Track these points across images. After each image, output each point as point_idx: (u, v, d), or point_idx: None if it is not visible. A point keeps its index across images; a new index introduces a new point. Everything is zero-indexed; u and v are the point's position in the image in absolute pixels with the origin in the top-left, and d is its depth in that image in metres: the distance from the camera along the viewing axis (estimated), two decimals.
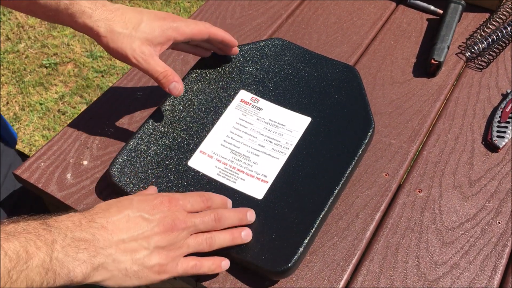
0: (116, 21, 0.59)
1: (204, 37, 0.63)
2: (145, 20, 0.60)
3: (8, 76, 1.75)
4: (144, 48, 0.59)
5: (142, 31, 0.59)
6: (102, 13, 0.59)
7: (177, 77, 0.61)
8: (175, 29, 0.61)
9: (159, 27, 0.60)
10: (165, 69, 0.60)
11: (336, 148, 0.63)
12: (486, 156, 0.67)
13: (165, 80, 0.60)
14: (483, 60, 0.78)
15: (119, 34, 0.59)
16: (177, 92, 0.61)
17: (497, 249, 0.59)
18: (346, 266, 0.57)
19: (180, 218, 0.52)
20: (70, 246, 0.46)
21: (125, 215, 0.50)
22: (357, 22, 0.84)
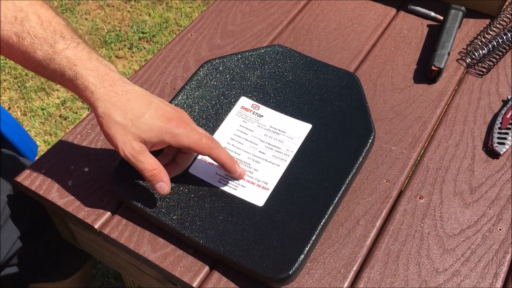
0: (117, 107, 0.55)
1: (203, 154, 0.59)
2: (147, 116, 0.56)
3: (10, 82, 1.76)
4: (135, 144, 0.56)
5: (138, 127, 0.55)
6: (105, 93, 0.55)
7: (165, 177, 0.57)
8: (174, 136, 0.57)
9: (158, 129, 0.56)
10: (154, 167, 0.57)
11: (336, 155, 0.63)
12: (487, 163, 0.67)
13: (152, 178, 0.57)
14: (483, 66, 0.79)
15: (115, 122, 0.55)
16: (163, 192, 0.58)
17: (498, 256, 0.59)
18: (347, 274, 0.57)
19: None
20: None
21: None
22: (357, 29, 0.84)
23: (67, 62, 0.55)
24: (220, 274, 0.57)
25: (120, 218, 0.62)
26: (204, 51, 0.81)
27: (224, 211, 0.59)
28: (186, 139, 0.57)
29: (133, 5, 2.02)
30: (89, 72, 0.55)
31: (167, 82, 0.76)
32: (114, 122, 0.55)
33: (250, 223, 0.58)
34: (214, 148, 0.58)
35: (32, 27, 0.55)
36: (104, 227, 0.61)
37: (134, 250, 0.59)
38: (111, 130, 0.56)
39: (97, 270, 1.32)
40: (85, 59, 0.56)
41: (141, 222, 0.61)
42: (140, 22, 1.95)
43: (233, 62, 0.73)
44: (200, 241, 0.57)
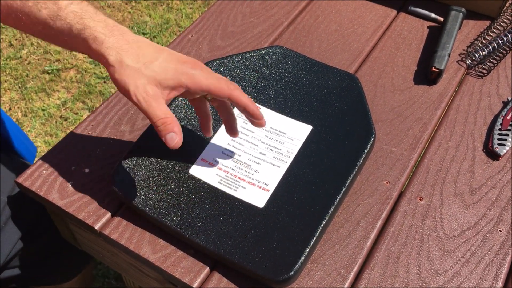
0: (129, 53, 0.53)
1: (222, 96, 0.55)
2: (161, 59, 0.53)
3: (11, 82, 1.76)
4: (149, 88, 0.52)
5: (153, 70, 0.52)
6: (116, 41, 0.53)
7: (177, 128, 0.53)
8: (191, 76, 0.53)
9: (173, 70, 0.53)
10: (166, 115, 0.53)
11: (337, 156, 0.63)
12: (487, 164, 0.67)
13: (162, 127, 0.53)
14: (484, 68, 0.79)
15: (127, 66, 0.52)
16: (173, 144, 0.53)
17: (498, 257, 0.59)
18: (347, 275, 0.57)
19: None
20: None
21: None
22: (358, 30, 0.85)
23: (73, 16, 0.53)
24: (220, 275, 0.57)
25: (121, 219, 0.62)
26: (204, 52, 0.81)
27: (224, 212, 0.59)
28: (204, 80, 0.53)
29: (133, 6, 2.02)
30: (97, 23, 0.53)
31: None
32: (126, 66, 0.52)
33: (250, 224, 0.58)
34: (234, 90, 0.55)
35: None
36: (105, 228, 0.61)
37: (134, 251, 0.59)
38: (123, 76, 0.52)
39: (97, 271, 1.32)
40: (92, 12, 0.54)
41: (141, 223, 0.61)
42: (140, 23, 1.95)
43: (233, 63, 0.73)
44: (200, 242, 0.57)
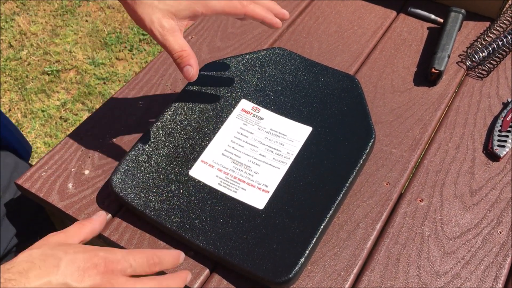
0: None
1: (238, 15, 0.56)
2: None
3: (11, 83, 1.76)
4: (165, 21, 0.54)
5: (166, 3, 0.53)
6: None
7: (193, 60, 0.55)
8: (204, 4, 0.55)
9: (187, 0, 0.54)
10: (182, 48, 0.55)
11: (337, 157, 0.63)
12: (487, 165, 0.67)
13: (179, 60, 0.55)
14: (483, 69, 0.79)
15: (141, 2, 0.53)
16: (189, 76, 0.56)
17: (498, 259, 0.59)
18: (347, 276, 0.57)
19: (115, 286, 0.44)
20: None
21: (46, 282, 0.41)
22: (357, 31, 0.85)
23: None
24: (220, 276, 0.57)
25: (121, 220, 0.62)
26: (204, 54, 0.81)
27: (224, 214, 0.59)
28: (217, 4, 0.55)
29: None
30: None
31: (167, 85, 0.77)
32: (141, 2, 0.53)
33: (250, 226, 0.58)
34: (247, 6, 0.56)
35: None
36: (105, 229, 0.61)
37: None
38: (139, 11, 0.54)
39: None
40: None
41: (141, 224, 0.61)
42: None
43: (233, 64, 0.73)
44: (200, 244, 0.57)
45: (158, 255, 0.48)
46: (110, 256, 0.45)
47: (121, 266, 0.45)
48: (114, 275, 0.44)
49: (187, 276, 0.51)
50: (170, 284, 0.48)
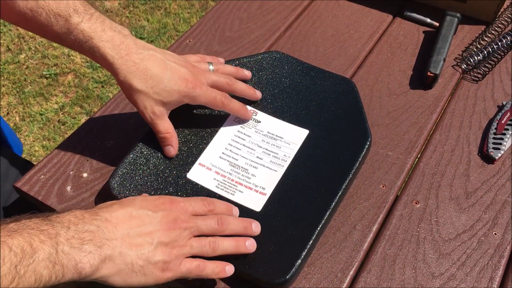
0: (137, 76, 0.60)
1: (217, 109, 0.66)
2: (166, 81, 0.61)
3: (9, 87, 1.76)
4: (156, 108, 0.61)
5: (159, 94, 0.61)
6: (124, 64, 0.59)
7: (174, 142, 0.64)
8: (192, 98, 0.63)
9: (177, 93, 0.61)
10: (167, 131, 0.63)
11: (333, 160, 0.64)
12: (482, 168, 0.68)
13: (163, 140, 0.64)
14: (479, 72, 0.79)
15: (136, 89, 0.60)
16: (169, 155, 0.64)
17: (493, 260, 0.59)
18: (343, 278, 0.58)
19: (181, 217, 0.53)
20: (74, 238, 0.46)
21: (128, 211, 0.52)
22: (354, 35, 0.85)
23: (83, 36, 0.58)
24: (218, 278, 0.57)
25: None
26: None
27: None
28: (203, 99, 0.63)
29: (131, 11, 2.03)
30: (105, 44, 0.59)
31: None
32: (136, 90, 0.60)
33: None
34: (226, 105, 0.65)
35: (46, 1, 0.57)
36: None
37: None
38: (133, 97, 0.61)
39: None
40: (100, 30, 0.59)
41: None
42: (138, 27, 1.96)
43: None
44: None
45: (211, 200, 0.57)
46: (173, 197, 0.56)
47: (183, 204, 0.55)
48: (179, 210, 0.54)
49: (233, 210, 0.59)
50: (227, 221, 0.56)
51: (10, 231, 0.44)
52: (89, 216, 0.49)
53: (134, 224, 0.51)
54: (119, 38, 0.60)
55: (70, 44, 0.60)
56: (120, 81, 0.60)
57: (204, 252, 0.53)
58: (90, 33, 0.58)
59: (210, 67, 0.68)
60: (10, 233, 0.43)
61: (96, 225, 0.49)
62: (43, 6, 0.57)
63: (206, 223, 0.54)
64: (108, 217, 0.50)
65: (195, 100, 0.63)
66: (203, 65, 0.68)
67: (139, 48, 0.61)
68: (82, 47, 0.59)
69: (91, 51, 0.59)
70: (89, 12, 0.59)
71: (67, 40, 0.59)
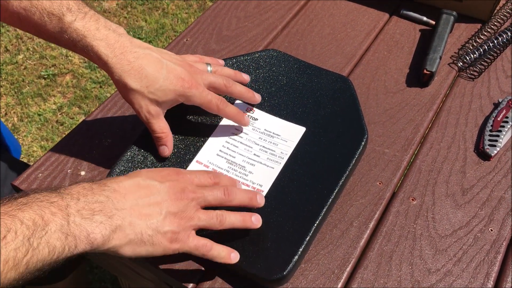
0: (132, 76, 0.59)
1: (211, 112, 0.64)
2: (161, 80, 0.60)
3: (7, 87, 1.77)
4: (151, 108, 0.61)
5: (154, 94, 0.60)
6: (119, 62, 0.59)
7: (169, 142, 0.64)
8: (187, 98, 0.62)
9: (173, 92, 0.61)
10: (162, 131, 0.63)
11: (330, 157, 0.64)
12: (479, 165, 0.68)
13: (157, 140, 0.64)
14: (475, 70, 0.80)
15: (131, 89, 0.60)
16: (163, 154, 0.64)
17: (489, 256, 0.60)
18: (340, 274, 0.58)
19: (189, 187, 0.53)
20: (84, 209, 0.47)
21: (135, 181, 0.52)
22: (351, 33, 0.86)
23: (76, 35, 0.58)
24: (215, 275, 0.58)
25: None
26: None
27: None
28: (198, 100, 0.62)
29: (129, 11, 2.03)
30: (99, 43, 0.58)
31: None
32: (131, 89, 0.60)
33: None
34: (222, 109, 0.64)
35: (39, 1, 0.57)
36: None
37: None
38: (128, 97, 0.61)
39: (94, 275, 1.33)
40: (93, 29, 0.59)
41: None
42: (136, 28, 1.96)
43: (228, 66, 0.73)
44: None
45: (217, 174, 0.58)
46: (179, 169, 0.56)
47: (189, 176, 0.55)
48: (185, 180, 0.54)
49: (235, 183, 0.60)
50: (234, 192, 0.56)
51: (20, 204, 0.44)
52: (98, 187, 0.50)
53: (142, 194, 0.51)
54: (113, 37, 0.59)
55: (65, 44, 0.60)
56: (115, 80, 0.60)
57: (211, 224, 0.53)
58: (83, 31, 0.58)
59: (208, 68, 0.67)
60: (20, 206, 0.43)
61: (105, 195, 0.49)
62: (36, 5, 0.57)
63: (213, 194, 0.54)
64: (116, 188, 0.50)
65: (190, 100, 0.62)
66: (201, 65, 0.67)
67: (135, 47, 0.60)
68: (76, 46, 0.59)
69: (85, 50, 0.59)
70: (83, 10, 0.59)
71: (62, 39, 0.59)
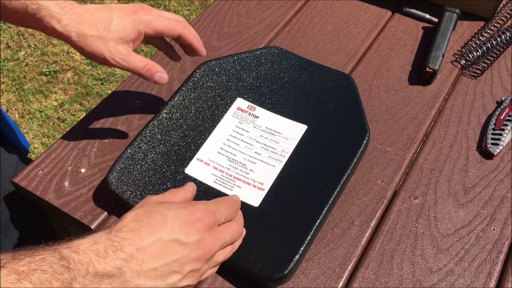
0: (86, 24, 0.58)
1: (174, 35, 0.62)
2: (115, 18, 0.59)
3: (8, 84, 1.76)
4: (120, 47, 0.59)
5: (114, 31, 0.58)
6: (71, 17, 0.57)
7: (159, 67, 0.62)
8: (146, 23, 0.60)
9: (130, 23, 0.59)
10: (145, 63, 0.61)
11: (331, 155, 0.63)
12: (481, 163, 0.68)
13: (148, 73, 0.61)
14: (477, 68, 0.79)
15: (91, 37, 0.58)
16: (163, 81, 0.62)
17: (491, 255, 0.59)
18: (341, 273, 0.58)
19: (216, 237, 0.49)
20: (92, 283, 0.41)
21: (158, 239, 0.45)
22: (353, 31, 0.85)
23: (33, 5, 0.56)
24: (215, 274, 0.57)
25: (117, 218, 0.62)
26: None
27: None
28: (157, 23, 0.61)
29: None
30: (50, 2, 0.57)
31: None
32: (91, 37, 0.58)
33: (245, 223, 0.58)
34: (183, 28, 0.62)
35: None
36: (101, 227, 0.61)
37: None
38: (92, 47, 0.58)
39: None
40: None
41: None
42: None
43: (229, 63, 0.73)
44: None
45: (237, 203, 0.54)
46: (208, 208, 0.49)
47: (218, 217, 0.50)
48: (214, 227, 0.49)
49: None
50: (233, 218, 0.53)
51: (19, 273, 0.38)
52: (112, 253, 0.43)
53: (165, 256, 0.45)
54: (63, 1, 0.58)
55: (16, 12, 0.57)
56: (74, 39, 0.57)
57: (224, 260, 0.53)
58: None
59: None
60: (19, 276, 0.38)
61: (118, 267, 0.43)
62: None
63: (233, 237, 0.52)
64: (133, 253, 0.44)
65: (150, 25, 0.60)
66: None
67: (81, 4, 0.60)
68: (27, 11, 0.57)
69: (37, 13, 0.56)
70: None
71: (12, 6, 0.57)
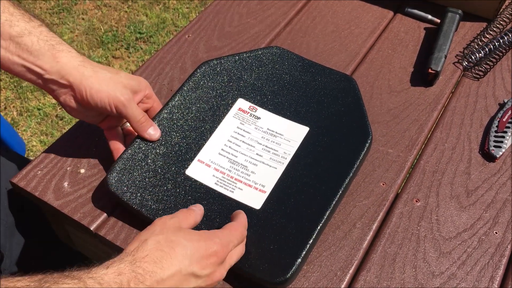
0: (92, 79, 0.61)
1: None
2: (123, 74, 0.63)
3: (6, 81, 1.75)
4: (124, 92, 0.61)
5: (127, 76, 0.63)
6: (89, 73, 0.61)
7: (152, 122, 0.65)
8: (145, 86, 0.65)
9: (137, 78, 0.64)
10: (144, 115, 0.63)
11: (334, 158, 0.63)
12: (483, 166, 0.68)
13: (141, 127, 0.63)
14: (480, 70, 0.79)
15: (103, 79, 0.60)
16: (155, 137, 0.64)
17: (494, 259, 0.59)
18: (343, 276, 0.57)
19: (226, 267, 0.52)
20: None
21: (177, 272, 0.47)
22: (355, 31, 0.85)
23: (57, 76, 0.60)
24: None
25: (116, 220, 0.61)
26: (201, 53, 0.81)
27: (221, 213, 0.59)
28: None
29: (130, 5, 2.02)
30: None
31: (164, 84, 0.76)
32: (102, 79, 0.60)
33: (247, 226, 0.58)
34: None
35: None
36: (100, 228, 0.61)
37: None
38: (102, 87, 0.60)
39: None
40: None
41: (137, 223, 0.61)
42: (137, 22, 1.95)
43: (230, 63, 0.73)
44: None
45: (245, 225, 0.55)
46: (223, 242, 0.50)
47: (230, 248, 0.51)
48: (225, 256, 0.50)
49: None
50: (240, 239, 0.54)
51: None
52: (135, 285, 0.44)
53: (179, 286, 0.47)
54: None
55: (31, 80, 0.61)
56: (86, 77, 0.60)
57: None
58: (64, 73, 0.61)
59: None
60: None
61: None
62: None
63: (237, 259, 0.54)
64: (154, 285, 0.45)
65: None
66: None
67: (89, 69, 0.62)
68: None
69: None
70: None
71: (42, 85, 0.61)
